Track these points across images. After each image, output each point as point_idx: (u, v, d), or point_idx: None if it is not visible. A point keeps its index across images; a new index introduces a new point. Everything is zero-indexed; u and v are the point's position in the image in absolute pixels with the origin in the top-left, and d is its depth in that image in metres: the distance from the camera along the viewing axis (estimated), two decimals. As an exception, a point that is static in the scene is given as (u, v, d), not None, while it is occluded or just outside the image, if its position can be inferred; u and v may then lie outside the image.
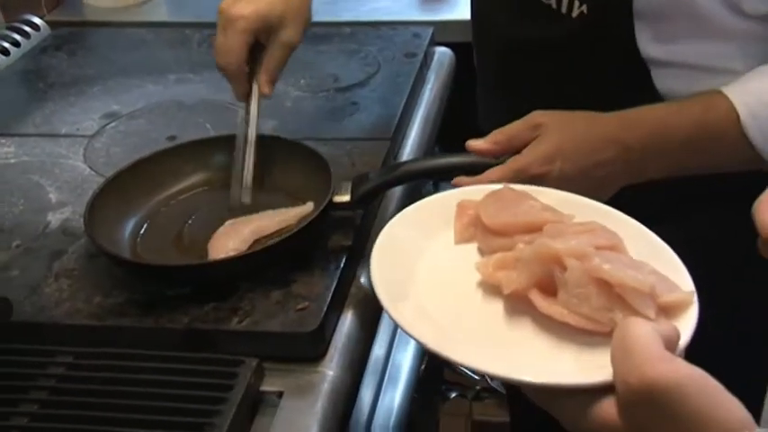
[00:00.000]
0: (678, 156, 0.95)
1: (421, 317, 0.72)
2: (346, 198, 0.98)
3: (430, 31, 1.46)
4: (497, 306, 0.73)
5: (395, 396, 1.12)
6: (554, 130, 0.92)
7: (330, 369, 0.88)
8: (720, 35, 0.97)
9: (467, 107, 1.40)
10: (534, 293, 0.69)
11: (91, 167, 1.16)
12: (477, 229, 0.81)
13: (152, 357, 0.86)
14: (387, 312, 0.71)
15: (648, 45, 1.00)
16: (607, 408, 0.58)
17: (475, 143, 0.91)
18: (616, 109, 0.96)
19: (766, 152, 0.92)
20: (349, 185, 0.98)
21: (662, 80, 1.00)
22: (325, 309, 0.89)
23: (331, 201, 0.97)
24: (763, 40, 0.96)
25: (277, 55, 1.06)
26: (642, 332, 0.57)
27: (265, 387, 0.85)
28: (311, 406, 0.84)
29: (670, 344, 0.57)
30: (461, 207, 0.83)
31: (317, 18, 1.58)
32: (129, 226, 1.01)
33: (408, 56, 1.39)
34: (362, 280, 0.98)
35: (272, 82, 1.07)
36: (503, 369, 0.64)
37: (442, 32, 1.51)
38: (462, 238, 0.82)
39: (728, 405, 0.54)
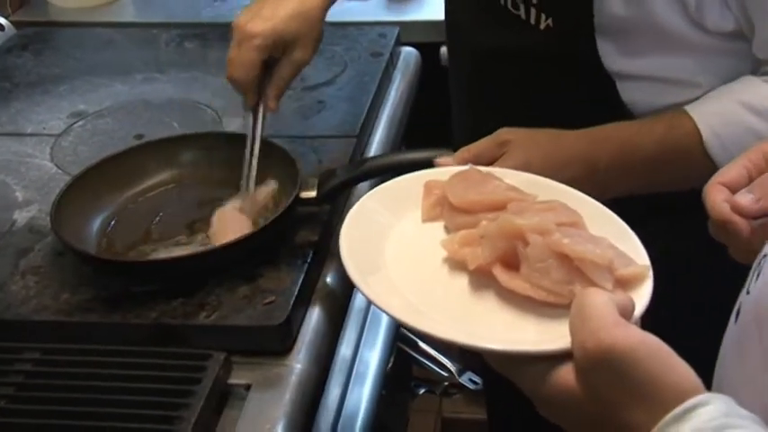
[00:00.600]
0: (642, 174, 0.96)
1: (389, 290, 0.73)
2: (313, 194, 0.99)
3: (396, 31, 1.47)
4: (463, 281, 0.74)
5: (362, 393, 1.12)
6: (520, 147, 0.92)
7: (297, 362, 0.89)
8: (683, 49, 0.98)
9: (433, 106, 1.41)
10: (497, 268, 0.70)
11: (58, 166, 1.16)
12: (443, 207, 0.82)
13: (120, 353, 0.87)
14: (356, 286, 0.73)
15: (612, 59, 1.00)
16: (565, 374, 0.60)
17: (443, 161, 0.90)
18: (583, 119, 0.97)
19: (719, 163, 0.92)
20: (315, 182, 0.99)
21: (627, 92, 1.01)
22: (291, 303, 0.90)
23: (297, 197, 0.97)
24: (725, 54, 0.98)
25: (287, 72, 1.07)
26: (599, 301, 0.58)
27: (233, 380, 0.86)
28: (279, 398, 0.85)
29: (625, 312, 0.59)
30: (428, 187, 0.84)
31: None
32: (97, 223, 1.02)
33: (374, 55, 1.40)
34: (329, 279, 0.99)
35: (279, 98, 1.07)
36: (467, 338, 0.65)
37: (408, 33, 1.51)
38: (429, 217, 0.83)
39: (680, 370, 0.56)
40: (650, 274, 0.70)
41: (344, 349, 1.04)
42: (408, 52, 1.48)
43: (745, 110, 0.95)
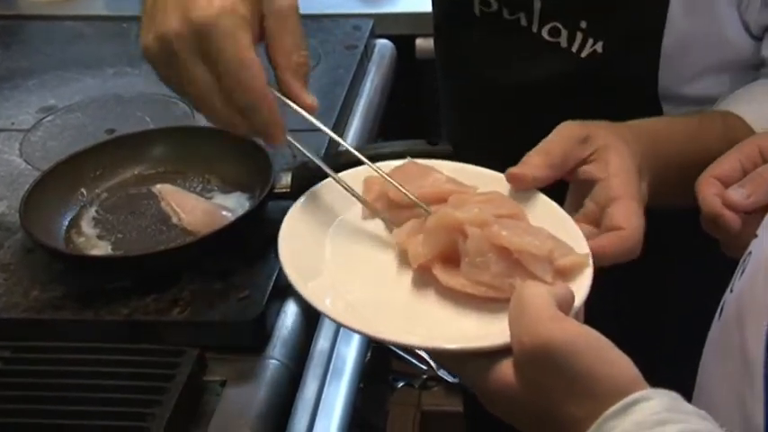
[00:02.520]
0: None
1: (332, 292, 0.73)
2: (286, 188, 0.99)
3: (370, 23, 1.47)
4: (406, 278, 0.75)
5: (340, 387, 1.13)
6: (608, 144, 0.79)
7: (273, 358, 0.89)
8: (737, 65, 0.97)
9: (408, 99, 1.42)
10: (437, 267, 0.71)
11: (27, 162, 1.15)
12: (383, 203, 0.82)
13: (92, 349, 0.86)
14: (297, 290, 0.72)
15: (670, 81, 0.97)
16: (505, 369, 0.60)
17: (520, 171, 0.77)
18: None
19: None
20: (290, 175, 0.99)
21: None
22: (266, 298, 0.90)
23: (271, 190, 0.97)
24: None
25: (288, 34, 0.84)
26: (536, 294, 0.59)
27: (208, 377, 0.86)
28: (254, 394, 0.85)
29: (564, 305, 0.60)
30: (368, 183, 0.84)
31: None
32: (67, 219, 1.01)
33: (349, 48, 1.40)
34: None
35: (305, 78, 0.84)
36: (407, 338, 0.66)
37: (383, 25, 1.52)
38: (371, 213, 0.83)
39: (619, 362, 0.56)
40: (590, 262, 0.70)
41: (321, 343, 1.04)
42: (383, 45, 1.49)
43: None
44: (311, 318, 0.99)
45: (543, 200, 0.80)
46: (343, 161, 1.01)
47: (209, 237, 0.94)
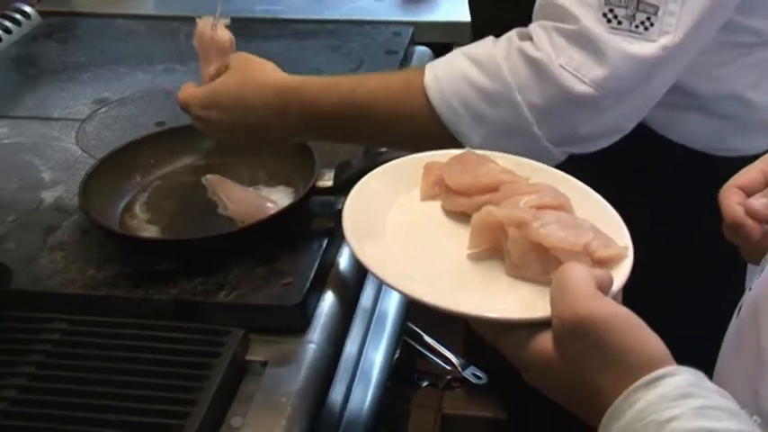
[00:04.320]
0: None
1: (384, 257, 0.75)
2: (329, 184, 1.02)
3: (410, 30, 1.50)
4: (455, 255, 0.77)
5: (369, 382, 1.14)
6: None
7: (312, 341, 0.91)
8: None
9: None
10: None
11: (83, 149, 1.20)
12: (441, 188, 0.84)
13: (143, 326, 0.89)
14: (351, 249, 0.75)
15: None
16: (543, 341, 0.63)
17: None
18: None
19: (447, 118, 0.95)
20: (332, 172, 1.02)
21: None
22: (308, 285, 0.93)
23: (314, 186, 1.00)
24: None
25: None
26: (578, 273, 0.61)
27: (250, 356, 0.88)
28: (294, 375, 0.87)
29: (603, 286, 0.62)
30: (427, 168, 0.86)
31: (301, 15, 1.62)
32: (122, 204, 1.05)
33: (389, 53, 1.43)
34: (342, 266, 1.02)
35: None
36: (454, 305, 0.68)
37: (422, 33, 1.54)
38: (427, 196, 0.85)
39: (650, 340, 0.59)
40: (629, 253, 0.72)
41: (350, 346, 1.06)
42: (422, 51, 1.51)
43: (464, 57, 0.96)
44: (348, 307, 1.01)
45: (590, 193, 0.82)
46: (381, 160, 1.04)
47: (254, 226, 0.98)
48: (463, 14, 1.28)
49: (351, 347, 1.05)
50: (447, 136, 0.92)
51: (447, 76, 0.95)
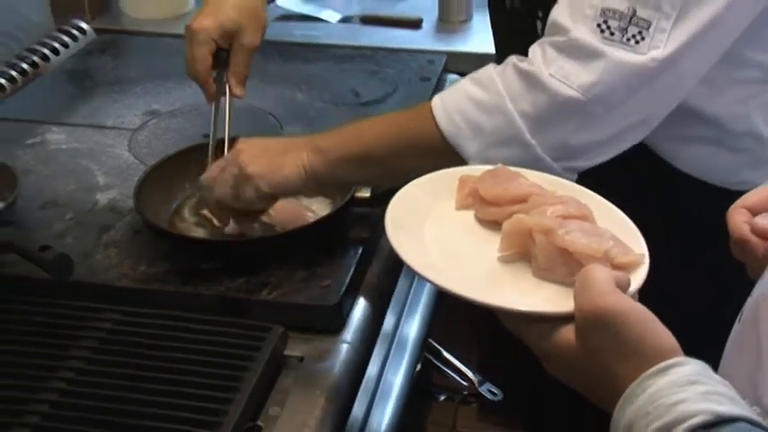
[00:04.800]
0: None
1: (421, 256, 0.79)
2: (366, 195, 1.04)
3: (443, 59, 1.53)
4: (486, 256, 0.80)
5: (390, 396, 1.13)
6: None
7: (346, 341, 0.94)
8: None
9: None
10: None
11: (135, 156, 1.24)
12: (474, 199, 0.87)
13: (190, 319, 0.92)
14: (390, 240, 0.78)
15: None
16: (566, 333, 0.66)
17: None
18: None
19: (448, 131, 0.97)
20: (370, 187, 1.05)
21: None
22: (344, 288, 0.96)
23: (353, 197, 1.03)
24: None
25: (241, 59, 1.11)
26: (599, 273, 0.65)
27: (288, 352, 0.91)
28: (328, 371, 0.90)
29: (621, 285, 0.66)
30: (462, 181, 0.89)
31: (340, 41, 1.66)
32: (171, 208, 1.09)
33: (423, 79, 1.46)
34: (375, 273, 1.04)
35: (242, 83, 1.12)
36: (484, 297, 0.71)
37: (454, 62, 1.56)
38: (462, 206, 0.88)
39: (662, 334, 0.62)
40: (646, 260, 0.75)
41: (372, 368, 1.05)
42: (454, 79, 1.52)
43: (467, 79, 0.99)
44: (379, 312, 1.04)
45: (609, 206, 0.85)
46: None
47: (293, 232, 1.02)
48: (492, 47, 1.31)
49: (383, 335, 1.06)
50: (452, 153, 0.96)
51: (450, 96, 0.99)
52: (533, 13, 1.10)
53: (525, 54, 1.03)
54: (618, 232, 0.78)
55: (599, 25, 0.91)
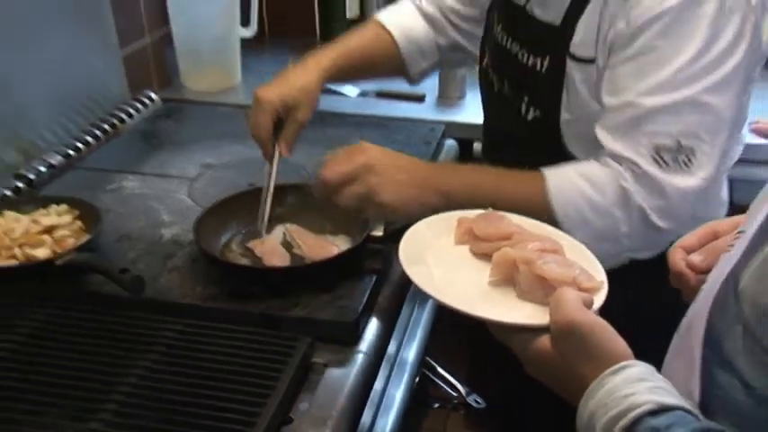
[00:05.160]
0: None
1: (429, 277, 0.82)
2: (380, 233, 1.06)
3: (442, 127, 1.53)
4: (479, 281, 0.83)
5: (393, 405, 1.13)
6: None
7: (361, 351, 0.95)
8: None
9: None
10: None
11: (193, 200, 1.25)
12: (469, 236, 0.90)
13: (237, 331, 0.93)
14: (405, 270, 0.81)
15: (570, 142, 1.08)
16: (543, 341, 0.69)
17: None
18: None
19: (562, 219, 0.99)
20: (383, 225, 1.07)
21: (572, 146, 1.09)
22: (360, 308, 0.97)
23: (368, 234, 1.05)
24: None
25: (292, 129, 1.13)
26: (569, 294, 0.68)
27: (315, 359, 0.92)
28: (347, 375, 0.91)
29: (586, 304, 0.68)
30: (460, 221, 0.92)
31: (358, 111, 1.67)
32: (222, 241, 1.10)
33: (426, 143, 1.46)
34: (385, 298, 1.04)
35: (290, 147, 1.13)
36: (479, 312, 0.74)
37: (451, 130, 1.57)
38: (459, 242, 0.91)
39: (617, 341, 0.65)
40: (605, 286, 0.77)
41: (378, 383, 1.03)
42: (450, 144, 1.55)
43: (581, 178, 1.00)
44: (388, 329, 1.04)
45: (576, 243, 0.88)
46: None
47: (320, 263, 1.03)
48: (480, 119, 1.33)
49: (379, 381, 1.03)
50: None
51: (563, 184, 1.01)
52: (520, 96, 1.12)
53: (512, 129, 1.08)
54: (583, 263, 0.81)
55: (655, 159, 0.96)
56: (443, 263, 0.88)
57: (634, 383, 0.61)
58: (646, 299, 0.97)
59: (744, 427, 0.58)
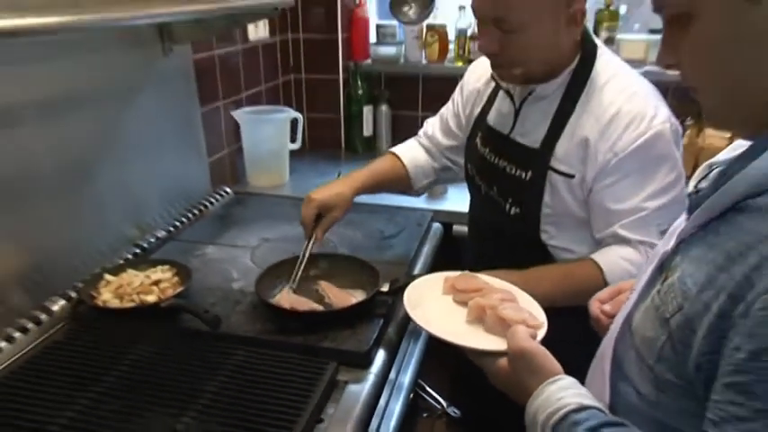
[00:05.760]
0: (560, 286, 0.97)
1: (424, 317, 0.84)
2: (386, 289, 1.07)
3: (430, 214, 1.53)
4: (460, 319, 0.85)
5: (392, 418, 1.03)
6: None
7: (372, 372, 0.96)
8: (582, 228, 1.02)
9: (448, 255, 1.50)
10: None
11: (254, 263, 1.26)
12: (453, 289, 0.92)
13: (283, 356, 0.95)
14: (408, 312, 0.82)
15: (546, 235, 1.05)
16: (503, 361, 0.70)
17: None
18: (526, 264, 1.01)
19: (611, 281, 0.94)
20: (388, 283, 1.08)
21: (554, 253, 1.06)
22: (372, 342, 0.98)
23: (378, 290, 1.06)
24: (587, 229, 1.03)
25: (327, 222, 1.14)
26: (521, 329, 0.70)
27: (339, 377, 0.93)
28: (361, 389, 0.93)
29: (532, 337, 0.70)
30: (446, 279, 0.94)
31: (370, 201, 1.55)
32: (275, 291, 1.10)
33: (418, 225, 1.46)
34: (390, 336, 1.03)
35: (323, 235, 1.14)
36: (459, 341, 0.76)
37: (437, 216, 1.55)
38: (446, 293, 0.93)
39: (553, 363, 0.66)
40: (545, 324, 0.79)
41: (392, 373, 1.03)
42: (437, 226, 1.54)
43: (621, 259, 0.97)
44: (391, 359, 1.03)
45: (525, 295, 0.90)
46: (417, 276, 1.04)
47: (343, 309, 1.03)
48: (462, 207, 1.32)
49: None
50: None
51: (608, 259, 0.97)
52: (505, 198, 1.08)
53: (496, 221, 1.06)
54: (530, 309, 0.83)
55: (660, 236, 0.92)
56: (434, 308, 0.89)
57: (563, 390, 0.62)
58: (575, 334, 0.98)
59: (637, 423, 0.59)
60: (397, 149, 1.33)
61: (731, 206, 0.51)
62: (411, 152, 1.32)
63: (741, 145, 0.56)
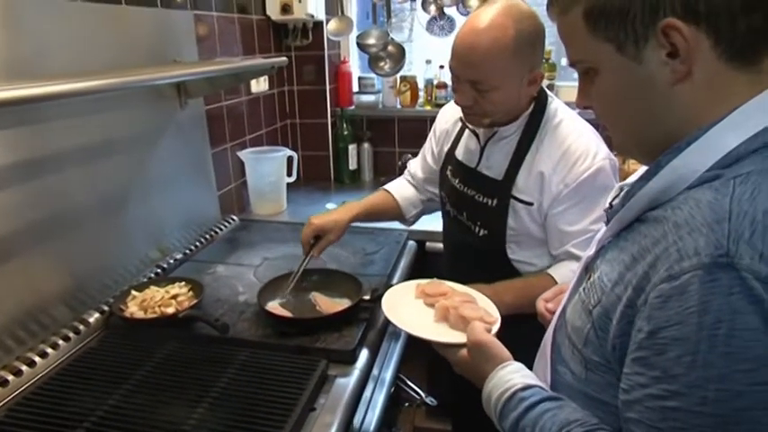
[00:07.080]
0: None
1: (400, 317, 0.84)
2: (368, 297, 1.08)
3: (407, 233, 1.51)
4: (428, 319, 0.85)
5: (377, 402, 1.05)
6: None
7: (357, 368, 0.97)
8: (541, 245, 1.02)
9: (421, 268, 1.51)
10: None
11: (257, 278, 1.25)
12: (423, 294, 0.93)
13: (281, 356, 0.95)
14: (385, 315, 0.82)
15: (510, 251, 1.04)
16: (464, 351, 0.70)
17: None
18: (495, 275, 1.00)
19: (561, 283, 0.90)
20: (370, 291, 1.08)
21: (518, 267, 1.05)
22: (356, 341, 0.99)
23: (361, 299, 1.07)
24: (545, 246, 1.02)
25: (323, 244, 1.12)
26: (478, 324, 0.70)
27: (329, 372, 0.93)
28: (348, 383, 0.92)
29: (488, 330, 0.71)
30: (418, 286, 0.95)
31: (355, 226, 1.54)
32: (272, 302, 1.10)
33: (396, 242, 1.45)
34: (372, 337, 1.02)
35: (319, 253, 1.12)
36: (428, 336, 0.76)
37: (412, 235, 1.53)
38: (417, 297, 0.93)
39: (505, 351, 0.66)
40: (499, 320, 0.80)
41: (375, 369, 1.02)
42: (411, 244, 1.53)
43: (574, 273, 0.89)
44: (373, 356, 1.03)
45: (483, 297, 0.91)
46: (394, 284, 1.07)
47: (332, 315, 1.04)
48: (433, 227, 1.32)
49: (373, 374, 1.02)
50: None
51: (561, 272, 0.97)
52: (474, 222, 1.08)
53: (467, 241, 1.05)
54: (487, 308, 0.84)
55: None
56: (408, 310, 0.90)
57: (513, 373, 0.63)
58: (525, 327, 0.97)
59: (571, 397, 0.60)
60: (389, 186, 1.34)
61: (635, 218, 0.54)
62: (400, 188, 1.33)
63: (645, 169, 0.59)
